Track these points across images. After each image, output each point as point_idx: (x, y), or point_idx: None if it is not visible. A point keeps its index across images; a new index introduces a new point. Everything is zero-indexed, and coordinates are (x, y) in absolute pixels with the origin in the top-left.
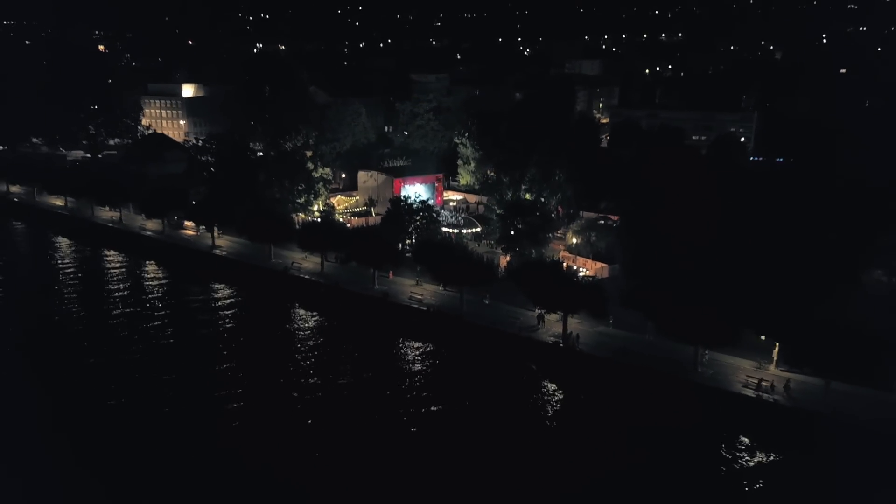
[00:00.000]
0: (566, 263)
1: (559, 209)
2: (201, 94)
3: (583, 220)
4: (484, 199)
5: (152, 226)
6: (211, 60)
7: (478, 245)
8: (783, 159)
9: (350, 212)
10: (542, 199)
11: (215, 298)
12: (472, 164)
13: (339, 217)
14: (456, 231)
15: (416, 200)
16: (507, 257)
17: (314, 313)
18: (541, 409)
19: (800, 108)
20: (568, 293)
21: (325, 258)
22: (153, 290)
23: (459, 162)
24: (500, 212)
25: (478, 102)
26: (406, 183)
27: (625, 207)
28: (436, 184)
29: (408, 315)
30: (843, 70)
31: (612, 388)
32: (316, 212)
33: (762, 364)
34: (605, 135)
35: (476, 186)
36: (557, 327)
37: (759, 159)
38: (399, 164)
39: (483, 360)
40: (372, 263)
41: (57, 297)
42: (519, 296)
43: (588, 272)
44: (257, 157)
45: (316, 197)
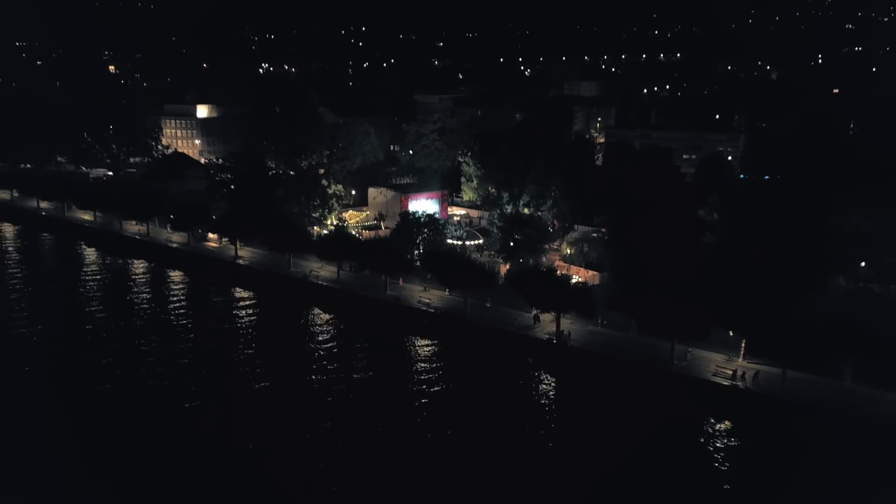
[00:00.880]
0: (560, 271)
1: (555, 222)
2: (215, 115)
3: (577, 233)
4: (485, 213)
5: (178, 238)
6: (219, 80)
7: (480, 255)
8: (769, 177)
9: (361, 225)
10: (539, 214)
11: (240, 302)
12: (475, 182)
13: (351, 230)
14: (460, 243)
15: (423, 215)
16: (507, 265)
17: (332, 315)
18: (536, 395)
19: (788, 128)
20: (560, 295)
21: (341, 266)
22: (182, 294)
23: (463, 179)
24: (500, 225)
25: (479, 123)
26: (413, 199)
27: (611, 220)
28: (441, 200)
29: (417, 316)
30: (835, 90)
31: (599, 377)
32: (330, 225)
33: (731, 357)
34: (600, 154)
35: (478, 202)
36: (552, 327)
37: (746, 177)
38: (406, 182)
39: (485, 355)
40: (384, 271)
41: (94, 299)
42: (517, 299)
43: (580, 279)
44: (275, 174)
45: (330, 211)
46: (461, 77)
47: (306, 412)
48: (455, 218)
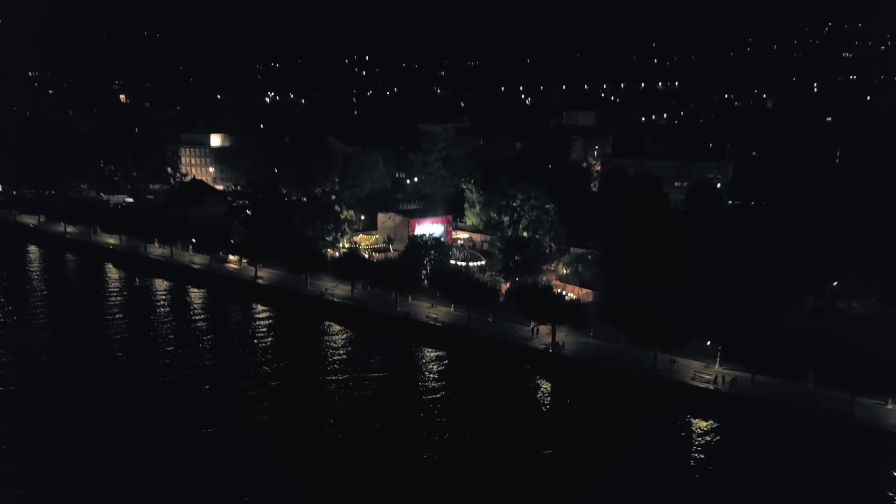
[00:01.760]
0: (557, 289)
1: (552, 245)
2: (227, 144)
3: (572, 254)
4: (488, 237)
5: (200, 260)
6: (228, 109)
7: (482, 275)
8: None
9: (372, 248)
10: (536, 237)
11: (261, 317)
12: (477, 208)
13: (363, 253)
14: (464, 263)
15: (430, 238)
16: (507, 283)
17: (347, 329)
18: (533, 397)
19: (778, 156)
20: (555, 309)
21: (354, 285)
22: (206, 311)
23: (466, 205)
24: (500, 247)
25: (481, 152)
26: (420, 223)
27: (601, 242)
28: (445, 224)
29: (425, 329)
30: (829, 119)
31: (590, 382)
32: (342, 248)
33: (708, 364)
34: (595, 181)
35: (481, 227)
36: (548, 338)
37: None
38: (412, 207)
39: (487, 363)
40: (394, 289)
41: (123, 312)
42: (517, 314)
43: (575, 296)
44: (290, 200)
45: (342, 235)
46: (463, 105)
47: (325, 412)
48: (459, 241)
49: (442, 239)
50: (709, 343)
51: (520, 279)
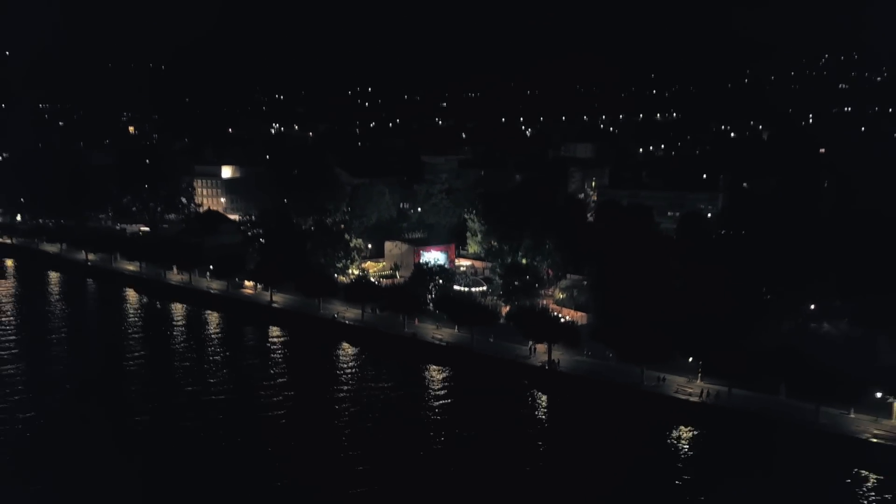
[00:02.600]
0: (553, 313)
1: (549, 271)
2: (238, 175)
3: (568, 280)
4: (489, 264)
5: (217, 285)
6: (235, 140)
7: (484, 299)
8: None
9: (379, 275)
10: (535, 264)
11: (277, 338)
12: (479, 236)
13: (371, 279)
14: (466, 289)
15: (435, 265)
16: (507, 307)
17: (358, 348)
18: (531, 408)
19: (767, 187)
20: (551, 329)
21: (364, 309)
22: (224, 332)
23: (468, 234)
24: (501, 273)
25: (483, 183)
26: (425, 251)
27: (593, 268)
28: (449, 252)
29: (431, 349)
30: (822, 150)
31: (583, 394)
32: (352, 274)
33: (691, 378)
34: (591, 211)
35: (482, 255)
36: (544, 356)
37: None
38: (417, 236)
39: (489, 378)
40: (402, 312)
41: (145, 334)
42: (516, 335)
43: (570, 319)
44: (302, 229)
45: (352, 262)
46: (464, 136)
47: (339, 422)
48: (462, 268)
49: (446, 266)
50: (690, 360)
51: (519, 302)
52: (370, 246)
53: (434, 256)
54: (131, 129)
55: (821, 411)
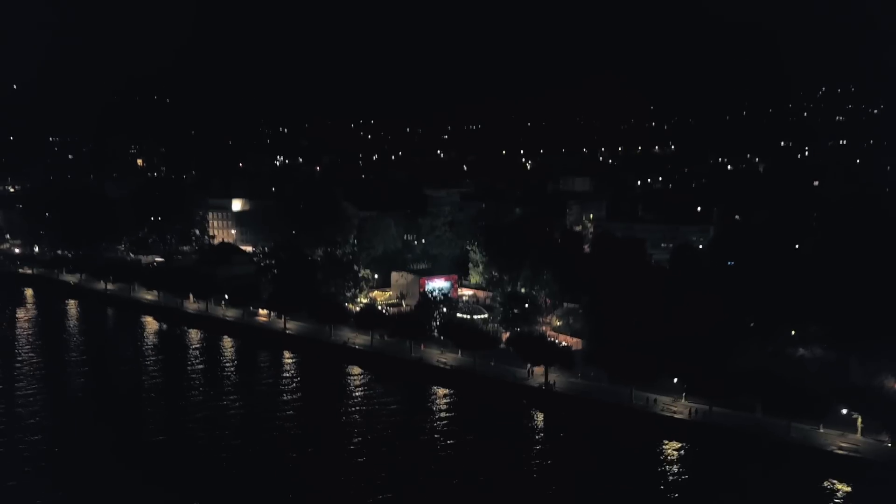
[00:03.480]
0: (551, 339)
1: (547, 300)
2: (247, 208)
3: (565, 308)
4: (490, 293)
5: (232, 313)
6: (242, 174)
7: (485, 326)
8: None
9: (386, 303)
10: (533, 293)
11: (290, 362)
12: (481, 267)
13: (378, 307)
14: (469, 316)
15: (439, 294)
16: (507, 333)
17: (367, 372)
18: (529, 425)
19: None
20: (548, 353)
21: (373, 335)
22: (240, 356)
23: (470, 265)
24: (501, 301)
25: (484, 216)
26: (429, 281)
27: (586, 296)
28: (452, 282)
29: (436, 372)
30: (815, 182)
31: (577, 413)
32: (360, 303)
33: (675, 398)
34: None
35: (484, 284)
36: (542, 378)
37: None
38: (422, 267)
39: (490, 398)
40: (408, 338)
41: (164, 357)
42: (515, 359)
43: (566, 344)
44: (313, 260)
45: (360, 292)
46: (465, 168)
47: (350, 438)
48: (464, 297)
49: (449, 294)
50: (676, 381)
51: (518, 329)
52: (377, 276)
53: (438, 286)
54: (140, 161)
55: (792, 427)
